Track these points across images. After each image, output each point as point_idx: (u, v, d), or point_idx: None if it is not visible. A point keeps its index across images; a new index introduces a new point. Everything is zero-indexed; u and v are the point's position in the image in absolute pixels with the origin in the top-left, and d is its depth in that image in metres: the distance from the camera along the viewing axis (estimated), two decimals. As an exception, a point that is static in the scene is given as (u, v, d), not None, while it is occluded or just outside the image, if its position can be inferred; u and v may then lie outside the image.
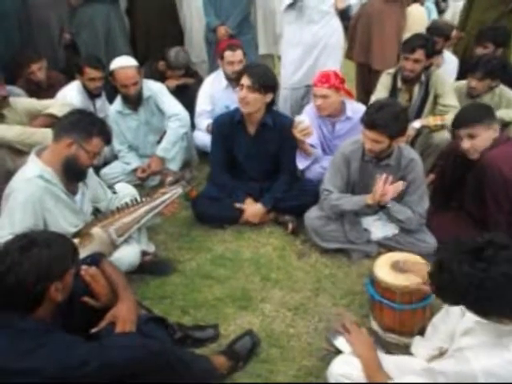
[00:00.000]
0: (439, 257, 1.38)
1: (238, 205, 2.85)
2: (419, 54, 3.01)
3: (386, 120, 2.30)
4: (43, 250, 1.42)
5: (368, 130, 2.36)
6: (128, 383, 1.60)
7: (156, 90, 3.28)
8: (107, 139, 2.21)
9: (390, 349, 1.98)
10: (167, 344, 1.61)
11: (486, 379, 1.27)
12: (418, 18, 4.36)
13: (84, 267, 1.70)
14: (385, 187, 2.35)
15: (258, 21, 4.22)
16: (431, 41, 3.20)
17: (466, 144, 2.40)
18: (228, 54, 3.43)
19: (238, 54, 3.43)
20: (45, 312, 1.44)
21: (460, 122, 2.44)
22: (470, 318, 1.43)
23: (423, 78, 3.11)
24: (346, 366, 1.70)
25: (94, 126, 2.15)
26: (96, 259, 1.79)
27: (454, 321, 1.67)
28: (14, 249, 1.41)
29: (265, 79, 2.73)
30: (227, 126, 2.90)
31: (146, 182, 3.33)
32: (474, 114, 2.42)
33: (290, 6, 3.44)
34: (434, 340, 1.78)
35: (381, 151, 2.41)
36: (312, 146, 2.95)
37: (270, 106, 2.85)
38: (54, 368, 1.35)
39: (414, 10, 4.40)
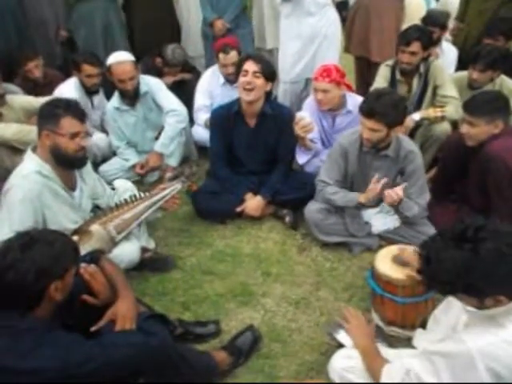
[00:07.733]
0: (424, 251, 1.37)
1: (238, 209, 2.83)
2: (415, 46, 2.98)
3: (384, 108, 2.29)
4: (44, 249, 1.41)
5: (366, 119, 2.35)
6: (130, 381, 1.61)
7: (153, 85, 3.26)
8: (78, 115, 2.11)
9: (392, 342, 1.98)
10: (168, 340, 1.60)
11: (483, 360, 1.26)
12: (417, 9, 4.30)
13: (83, 265, 1.68)
14: (378, 187, 2.37)
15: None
16: (427, 32, 3.15)
17: (463, 129, 2.46)
18: (221, 56, 3.39)
19: (232, 57, 3.35)
20: (44, 311, 1.43)
21: (467, 107, 2.46)
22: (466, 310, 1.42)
23: (422, 69, 3.08)
24: (348, 359, 1.70)
25: (58, 107, 2.08)
26: (95, 257, 1.78)
27: (455, 312, 1.65)
28: (15, 246, 1.40)
29: (269, 66, 2.80)
30: (225, 118, 2.88)
31: (145, 178, 3.32)
32: (482, 105, 2.40)
33: None
34: (436, 332, 1.76)
35: (378, 141, 2.40)
36: (312, 140, 2.94)
37: (269, 96, 2.85)
38: (55, 367, 1.34)
39: (413, 1, 4.35)
